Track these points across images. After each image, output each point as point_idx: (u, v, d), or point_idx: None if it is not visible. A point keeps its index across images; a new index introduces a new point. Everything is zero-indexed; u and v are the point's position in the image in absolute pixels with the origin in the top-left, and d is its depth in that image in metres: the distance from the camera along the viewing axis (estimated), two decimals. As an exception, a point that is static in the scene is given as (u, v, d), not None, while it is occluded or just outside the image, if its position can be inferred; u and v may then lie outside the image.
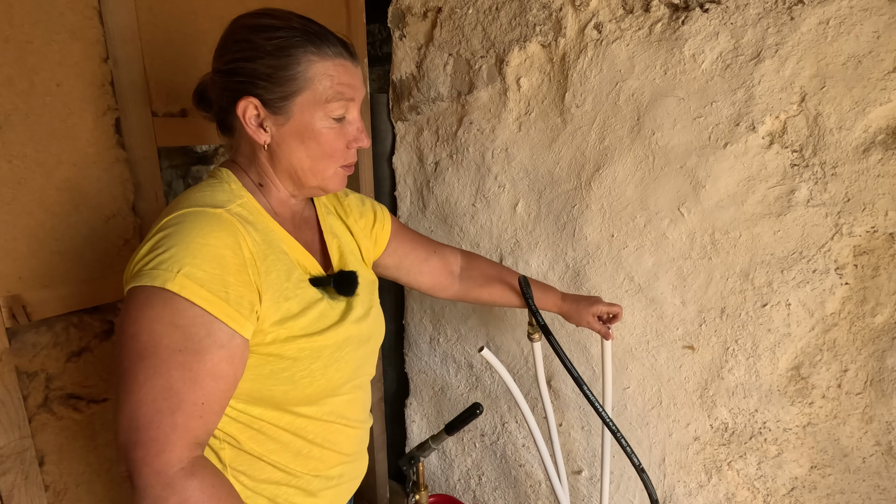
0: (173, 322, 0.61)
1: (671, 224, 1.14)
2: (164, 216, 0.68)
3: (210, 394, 0.62)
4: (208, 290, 0.62)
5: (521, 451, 1.51)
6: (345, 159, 0.77)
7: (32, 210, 0.91)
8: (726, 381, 1.14)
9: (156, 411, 0.59)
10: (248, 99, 0.71)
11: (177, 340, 0.61)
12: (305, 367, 0.72)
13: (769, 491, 1.14)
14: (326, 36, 0.72)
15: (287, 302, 0.71)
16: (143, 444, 0.58)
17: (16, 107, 0.87)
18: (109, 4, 0.96)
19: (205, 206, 0.68)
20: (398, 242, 1.02)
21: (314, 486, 0.79)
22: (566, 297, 1.15)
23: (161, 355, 0.60)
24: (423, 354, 1.69)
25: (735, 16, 1.00)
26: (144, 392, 0.59)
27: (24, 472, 0.93)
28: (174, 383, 0.60)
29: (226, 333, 0.63)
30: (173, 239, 0.64)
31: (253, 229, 0.70)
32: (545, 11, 1.22)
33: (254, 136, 0.73)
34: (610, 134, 1.19)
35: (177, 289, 0.60)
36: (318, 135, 0.73)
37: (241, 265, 0.66)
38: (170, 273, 0.61)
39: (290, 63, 0.69)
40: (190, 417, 0.60)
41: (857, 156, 0.94)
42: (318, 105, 0.71)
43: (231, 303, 0.63)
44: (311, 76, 0.70)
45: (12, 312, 0.89)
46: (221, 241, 0.65)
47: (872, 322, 0.97)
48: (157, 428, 0.59)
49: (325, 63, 0.71)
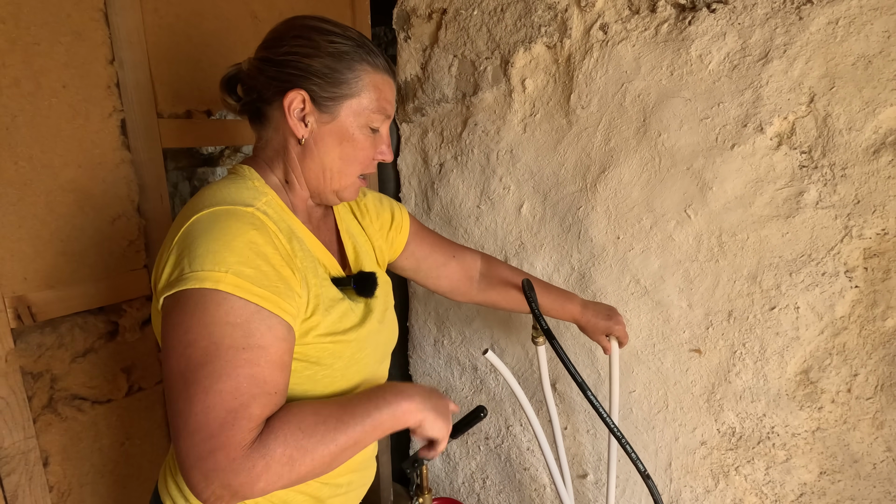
0: (230, 321, 0.60)
1: (678, 226, 1.13)
2: (189, 215, 0.66)
3: (279, 384, 0.63)
4: (260, 286, 0.62)
5: (525, 455, 1.50)
6: (366, 168, 0.80)
7: (38, 211, 0.91)
8: (734, 384, 1.12)
9: (228, 411, 0.57)
10: (299, 91, 0.72)
11: (238, 339, 0.60)
12: (328, 367, 0.73)
13: (777, 497, 1.12)
14: (378, 52, 0.77)
15: (316, 299, 0.71)
16: (223, 447, 0.56)
17: (22, 108, 0.88)
18: (115, 6, 0.96)
19: (234, 203, 0.67)
20: (416, 245, 1.01)
21: (323, 493, 0.79)
22: (586, 308, 1.11)
23: (225, 357, 0.59)
24: (428, 356, 1.68)
25: (742, 16, 1.00)
26: (212, 398, 0.57)
27: (29, 473, 0.93)
28: (242, 384, 0.59)
29: (284, 327, 0.64)
30: (209, 238, 0.63)
31: (279, 227, 0.71)
32: (550, 12, 1.22)
33: (294, 127, 0.74)
34: (616, 135, 1.18)
35: (231, 289, 0.60)
36: (355, 140, 0.76)
37: (282, 261, 0.66)
38: (219, 273, 0.60)
39: (346, 68, 0.73)
40: (266, 406, 0.60)
41: (867, 157, 0.93)
42: (363, 113, 0.75)
43: (283, 297, 0.64)
44: (363, 85, 0.75)
45: (17, 313, 0.89)
46: (260, 237, 0.65)
47: (883, 326, 0.96)
48: (232, 424, 0.57)
49: (375, 76, 0.75)
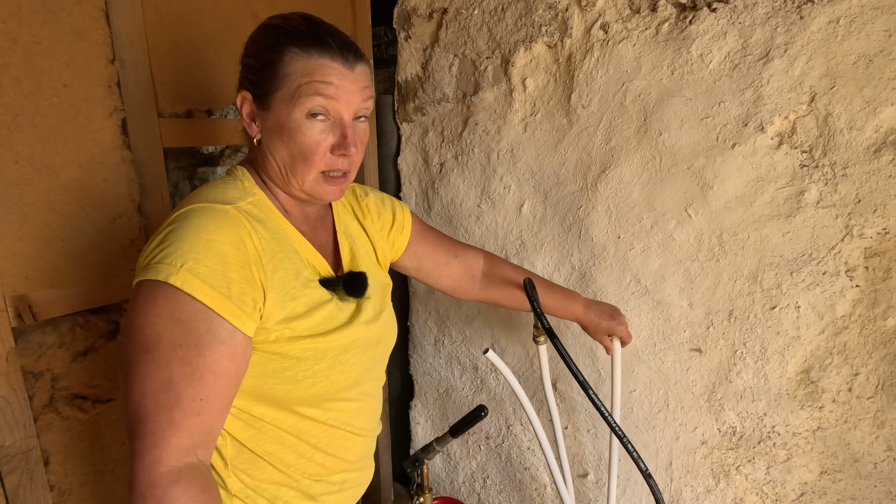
0: (174, 317, 0.61)
1: (678, 225, 1.13)
2: (175, 211, 0.69)
3: (209, 390, 0.62)
4: (210, 286, 0.62)
5: (526, 454, 1.50)
6: (326, 165, 0.73)
7: (39, 210, 0.91)
8: (734, 384, 1.12)
9: (155, 404, 0.60)
10: (243, 93, 0.74)
11: (178, 335, 0.61)
12: (308, 368, 0.72)
13: (778, 496, 1.12)
14: (319, 35, 0.70)
15: (293, 301, 0.71)
16: (141, 436, 0.59)
17: (23, 107, 0.88)
18: (116, 6, 0.96)
19: (214, 202, 0.69)
20: (418, 245, 1.01)
21: (315, 490, 0.79)
22: (589, 307, 1.11)
23: (162, 349, 0.61)
24: (428, 356, 1.68)
25: (743, 15, 0.99)
26: (146, 385, 0.60)
27: (30, 472, 0.93)
28: (174, 377, 0.60)
29: (227, 330, 0.63)
30: (178, 234, 0.64)
31: (262, 227, 0.71)
32: (551, 12, 1.22)
33: (247, 129, 0.75)
34: (616, 135, 1.18)
35: (179, 283, 0.61)
36: (294, 132, 0.71)
37: (245, 262, 0.66)
38: (173, 268, 0.61)
39: (274, 59, 0.70)
40: (187, 414, 0.60)
41: (868, 156, 0.93)
42: (293, 101, 0.70)
43: (233, 299, 0.63)
44: (289, 72, 0.70)
45: (18, 312, 0.90)
46: (225, 236, 0.65)
47: (884, 325, 0.96)
48: (154, 421, 0.59)
49: (307, 61, 0.69)
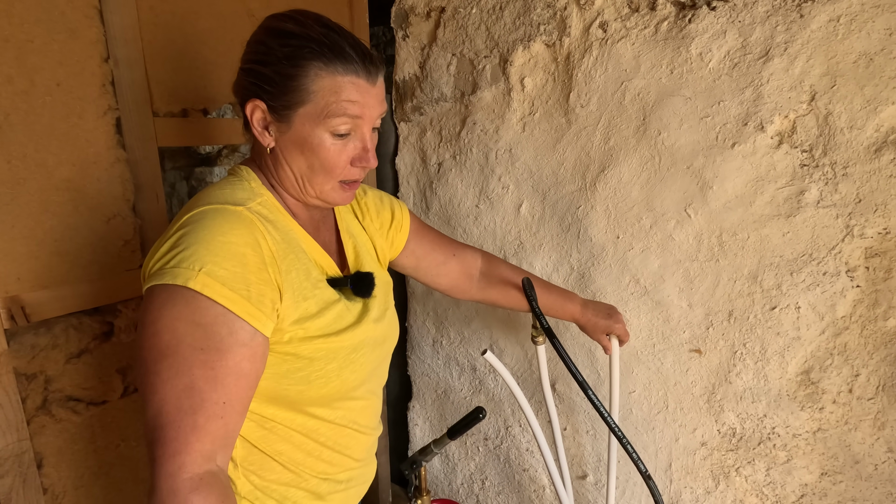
0: (195, 320, 0.61)
1: (678, 225, 1.12)
2: (185, 213, 0.68)
3: (231, 393, 0.62)
4: (230, 289, 0.62)
5: (524, 456, 1.49)
6: (345, 175, 0.74)
7: (32, 210, 0.90)
8: (734, 385, 1.12)
9: (178, 410, 0.59)
10: (255, 102, 0.71)
11: (199, 339, 0.61)
12: (321, 368, 0.72)
13: (778, 498, 1.11)
14: (343, 50, 0.69)
15: (305, 302, 0.71)
16: (163, 443, 0.58)
17: (16, 106, 0.87)
18: (110, 4, 0.95)
19: (225, 203, 0.68)
20: (416, 244, 1.01)
21: (323, 489, 0.79)
22: (586, 307, 1.11)
23: (183, 354, 0.60)
24: (426, 357, 1.67)
25: (743, 13, 0.99)
26: (168, 390, 0.59)
27: (23, 475, 0.92)
28: (196, 382, 0.60)
29: (248, 332, 0.63)
30: (194, 236, 0.63)
31: (273, 228, 0.70)
32: (549, 10, 1.21)
33: (259, 138, 0.73)
34: (615, 134, 1.17)
35: (199, 287, 0.60)
36: (318, 149, 0.71)
37: (262, 263, 0.66)
38: (191, 271, 0.61)
39: (296, 73, 0.68)
40: (210, 418, 0.60)
41: (869, 156, 0.92)
42: (319, 119, 0.69)
43: (253, 301, 0.63)
44: (315, 89, 0.68)
45: (11, 314, 0.89)
46: (242, 238, 0.65)
47: (885, 326, 0.95)
48: (177, 427, 0.59)
49: (333, 78, 0.68)
